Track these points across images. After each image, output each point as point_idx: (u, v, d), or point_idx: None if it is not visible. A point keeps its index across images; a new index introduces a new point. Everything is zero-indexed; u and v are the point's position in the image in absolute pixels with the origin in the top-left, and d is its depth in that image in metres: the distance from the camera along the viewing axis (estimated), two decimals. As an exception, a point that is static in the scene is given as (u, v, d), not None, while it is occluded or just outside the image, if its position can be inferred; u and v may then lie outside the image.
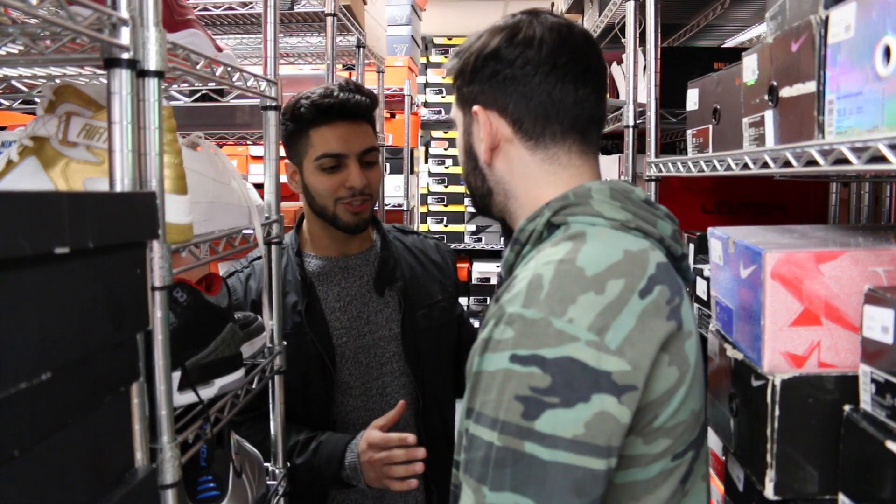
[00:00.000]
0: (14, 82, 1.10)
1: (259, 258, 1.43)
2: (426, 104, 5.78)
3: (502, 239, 5.73)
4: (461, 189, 5.43)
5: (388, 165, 3.61)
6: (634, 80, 1.74)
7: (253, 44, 2.49)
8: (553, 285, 0.77)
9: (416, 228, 1.83)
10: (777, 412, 0.92)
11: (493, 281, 5.20)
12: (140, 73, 0.76)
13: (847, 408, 0.84)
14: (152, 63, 0.76)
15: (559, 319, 0.75)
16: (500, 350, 0.76)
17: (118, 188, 0.74)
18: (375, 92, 3.07)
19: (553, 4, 3.46)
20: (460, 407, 0.85)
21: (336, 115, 1.44)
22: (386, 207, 3.28)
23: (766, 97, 1.02)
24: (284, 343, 1.27)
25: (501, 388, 0.75)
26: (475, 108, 0.94)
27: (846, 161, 0.77)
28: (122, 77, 0.74)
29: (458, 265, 2.69)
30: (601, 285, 0.77)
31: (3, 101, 1.20)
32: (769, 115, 1.02)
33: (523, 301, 0.77)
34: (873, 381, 0.81)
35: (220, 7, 1.92)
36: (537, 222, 0.89)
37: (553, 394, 0.73)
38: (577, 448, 0.73)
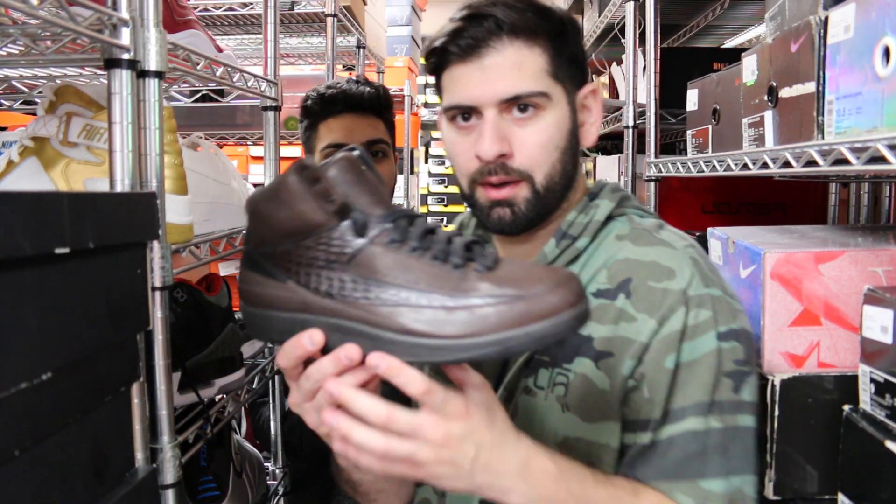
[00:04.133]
0: (15, 83, 1.10)
1: None
2: (426, 104, 5.77)
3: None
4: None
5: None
6: (634, 81, 1.74)
7: (253, 44, 2.50)
8: (708, 265, 0.81)
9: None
10: (776, 412, 0.92)
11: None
12: (140, 74, 0.76)
13: (846, 408, 0.84)
14: (153, 63, 0.76)
15: (730, 296, 0.80)
16: (701, 333, 0.76)
17: (118, 188, 0.74)
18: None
19: (552, 5, 3.46)
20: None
21: (341, 107, 1.44)
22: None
23: (765, 97, 1.02)
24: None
25: (714, 368, 0.75)
26: (592, 86, 0.87)
27: (846, 161, 0.77)
28: (123, 77, 0.74)
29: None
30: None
31: (3, 101, 1.20)
32: (769, 116, 1.02)
33: (703, 282, 0.78)
34: (872, 380, 0.81)
35: (220, 8, 1.92)
36: (593, 214, 0.85)
37: (748, 363, 0.77)
38: (755, 410, 0.78)
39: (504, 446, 0.65)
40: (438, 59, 0.85)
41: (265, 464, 1.26)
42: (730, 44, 2.42)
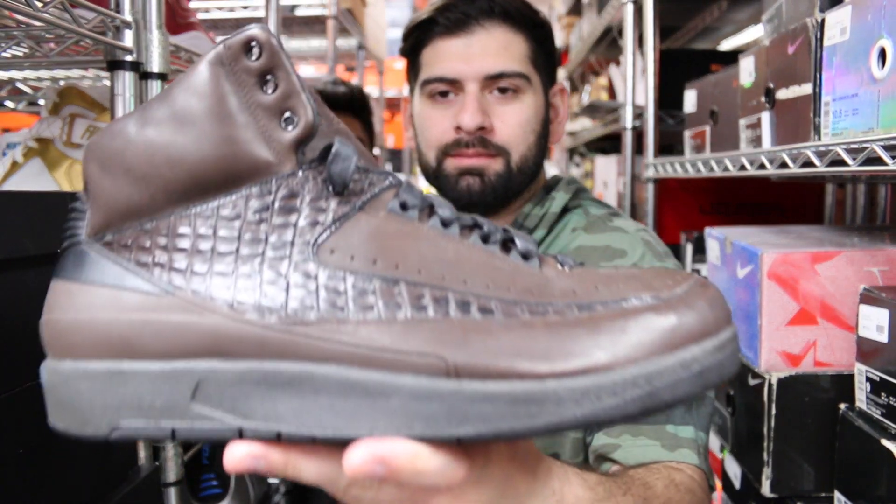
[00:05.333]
0: (19, 84, 1.11)
1: None
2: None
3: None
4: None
5: (388, 167, 3.61)
6: (633, 82, 1.75)
7: (253, 46, 2.50)
8: (661, 247, 0.84)
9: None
10: (773, 411, 0.93)
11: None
12: (143, 76, 0.77)
13: (843, 406, 0.85)
14: (155, 65, 0.77)
15: (680, 268, 0.81)
16: None
17: (122, 189, 0.75)
18: (376, 94, 3.09)
19: (551, 6, 3.47)
20: None
21: None
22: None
23: (762, 99, 1.03)
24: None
25: None
26: (561, 86, 0.93)
27: (842, 162, 0.78)
28: (126, 79, 0.75)
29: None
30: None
31: (8, 103, 1.20)
32: (766, 117, 1.02)
33: (656, 258, 0.82)
34: (868, 379, 0.81)
35: (222, 10, 1.93)
36: (548, 206, 0.88)
37: None
38: None
39: (532, 496, 0.42)
40: (422, 32, 0.87)
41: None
42: (727, 45, 2.43)
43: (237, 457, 0.33)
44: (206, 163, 0.33)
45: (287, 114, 0.34)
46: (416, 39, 0.89)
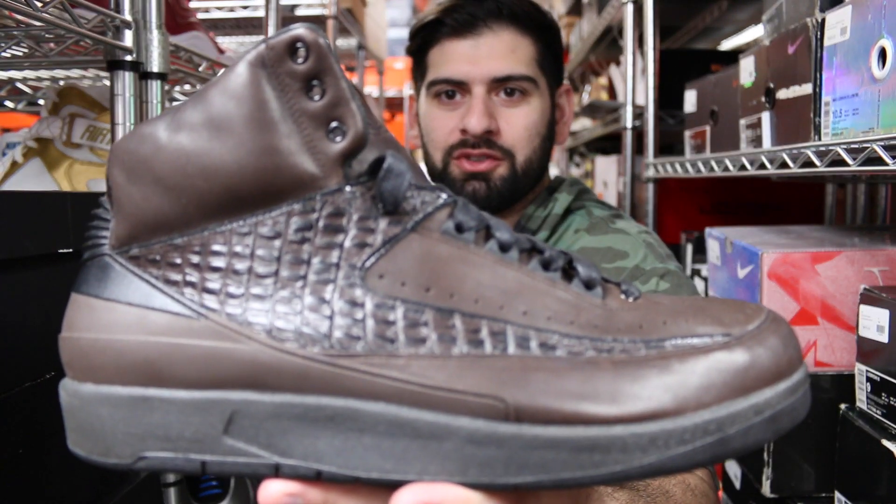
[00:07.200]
0: (19, 84, 1.11)
1: None
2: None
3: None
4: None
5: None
6: (633, 82, 1.75)
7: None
8: (663, 249, 0.84)
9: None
10: (774, 411, 0.93)
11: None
12: (143, 75, 0.77)
13: (843, 406, 0.85)
14: (155, 65, 0.77)
15: (686, 276, 0.83)
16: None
17: (121, 189, 0.75)
18: (376, 93, 3.09)
19: (552, 6, 3.47)
20: None
21: None
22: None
23: (763, 99, 1.03)
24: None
25: None
26: (567, 86, 0.93)
27: (842, 162, 0.78)
28: (126, 79, 0.75)
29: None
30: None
31: (7, 102, 1.20)
32: (766, 117, 1.02)
33: (658, 259, 0.82)
34: (869, 379, 0.81)
35: (221, 9, 1.93)
36: (551, 207, 0.88)
37: None
38: None
39: None
40: (429, 33, 0.87)
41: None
42: (727, 45, 2.43)
43: (273, 495, 0.31)
44: (245, 174, 0.31)
45: (334, 123, 0.31)
46: (422, 40, 0.88)
